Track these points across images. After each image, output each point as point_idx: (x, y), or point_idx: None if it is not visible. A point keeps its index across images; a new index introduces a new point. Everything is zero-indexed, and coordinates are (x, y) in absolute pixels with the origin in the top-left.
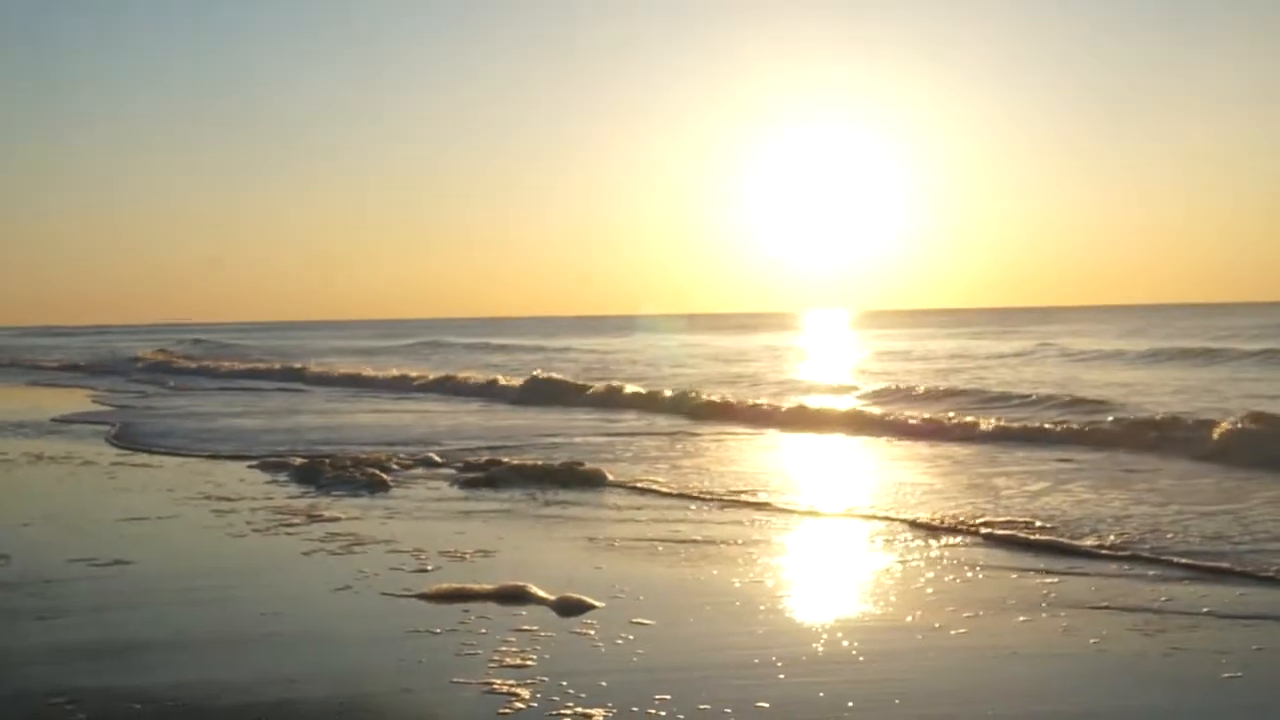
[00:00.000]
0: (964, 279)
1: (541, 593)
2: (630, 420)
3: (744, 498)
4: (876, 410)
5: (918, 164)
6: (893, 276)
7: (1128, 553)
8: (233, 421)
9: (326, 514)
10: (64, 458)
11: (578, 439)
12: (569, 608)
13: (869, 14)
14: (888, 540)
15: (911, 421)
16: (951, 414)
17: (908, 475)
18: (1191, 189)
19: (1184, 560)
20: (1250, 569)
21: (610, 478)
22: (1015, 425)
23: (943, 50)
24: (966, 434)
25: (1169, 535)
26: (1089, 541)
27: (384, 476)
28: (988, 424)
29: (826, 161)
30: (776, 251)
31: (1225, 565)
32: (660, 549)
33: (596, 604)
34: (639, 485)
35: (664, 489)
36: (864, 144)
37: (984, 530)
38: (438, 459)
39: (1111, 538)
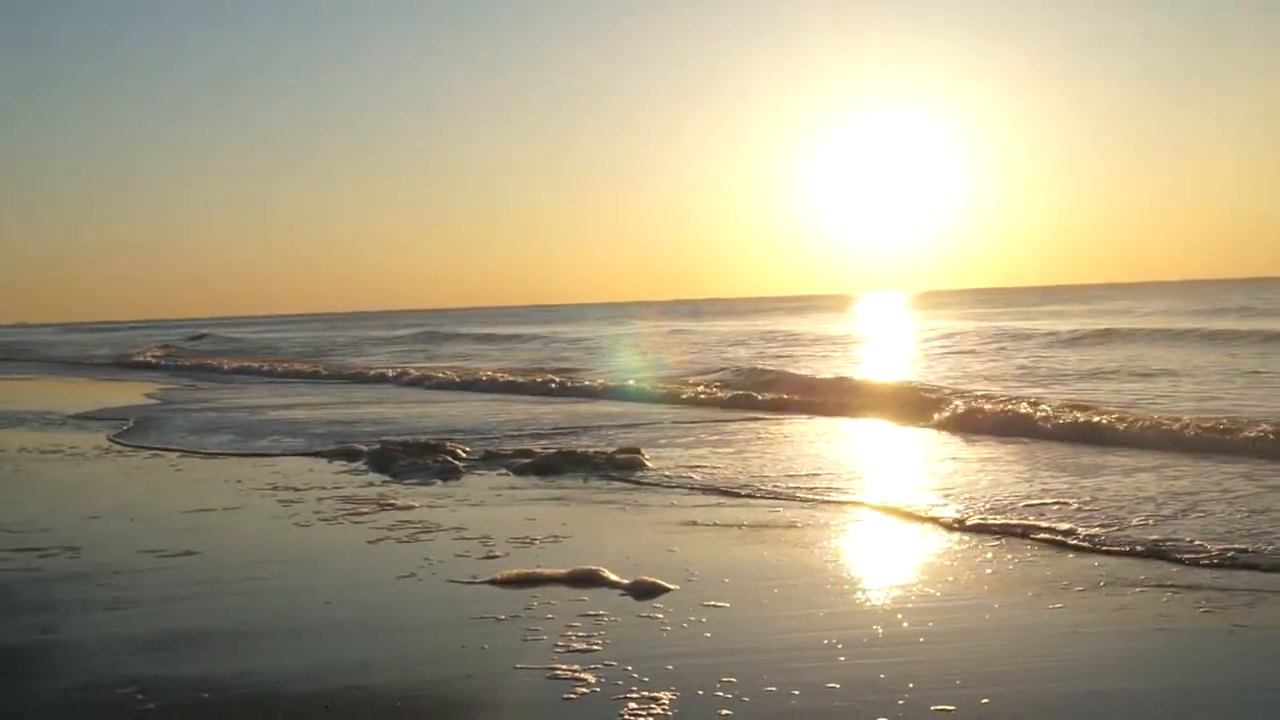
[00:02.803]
0: (1012, 258)
1: (614, 576)
2: (683, 407)
3: (802, 484)
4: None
5: (967, 147)
6: (940, 258)
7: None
8: (286, 413)
9: (397, 502)
10: (129, 451)
11: (631, 426)
12: (643, 591)
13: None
14: (947, 526)
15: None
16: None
17: (994, 469)
18: (1239, 162)
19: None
20: None
21: (667, 464)
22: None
23: (996, 34)
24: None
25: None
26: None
27: (456, 463)
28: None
29: (880, 147)
30: (828, 234)
31: None
32: (728, 532)
33: (671, 587)
34: (696, 471)
35: (721, 476)
36: (917, 129)
37: (1042, 524)
38: (500, 449)
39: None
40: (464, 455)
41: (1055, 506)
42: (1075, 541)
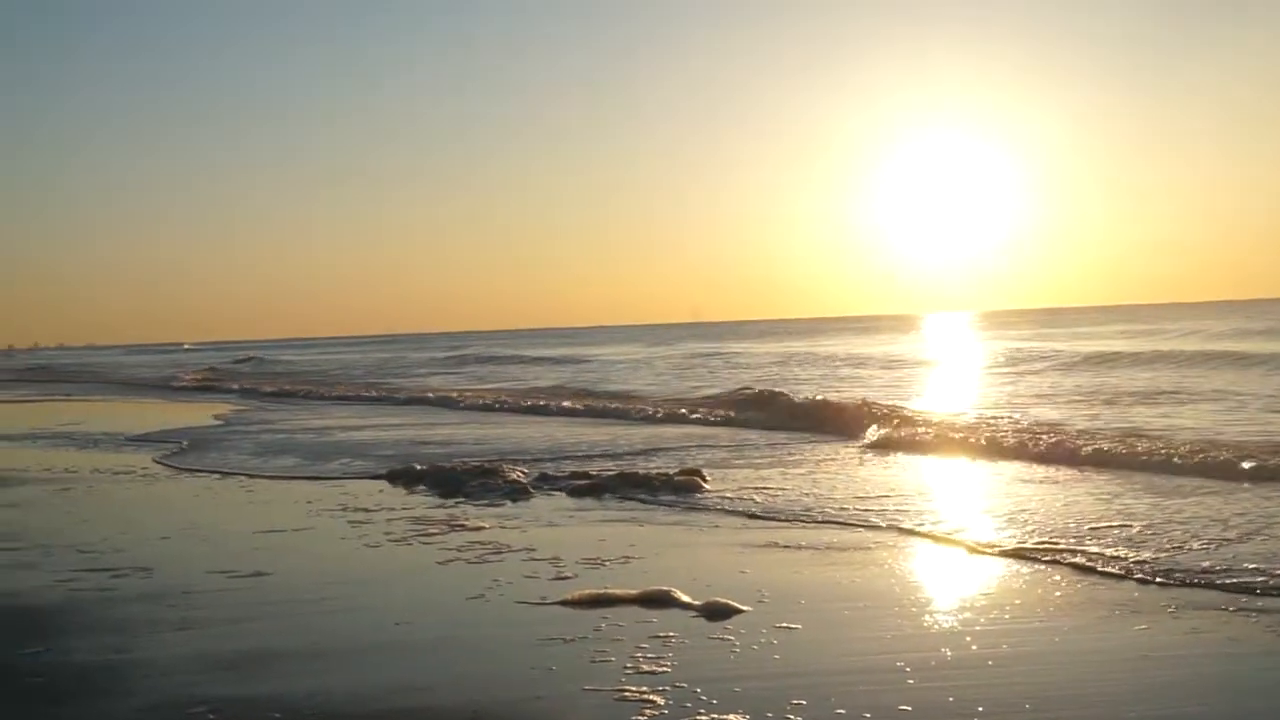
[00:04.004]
0: (1076, 277)
1: (686, 598)
2: (737, 430)
3: (870, 508)
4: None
5: (1029, 164)
6: (1005, 277)
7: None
8: (353, 435)
9: (467, 523)
10: (198, 472)
11: (690, 448)
12: (716, 612)
13: (980, 13)
14: (1015, 551)
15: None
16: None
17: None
18: None
19: None
20: None
21: (728, 486)
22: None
23: (1057, 45)
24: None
25: None
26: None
27: (525, 484)
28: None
29: (942, 164)
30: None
31: None
32: (798, 554)
33: (743, 608)
34: (759, 493)
35: (784, 499)
36: (977, 146)
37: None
38: (557, 471)
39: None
40: (518, 478)
41: (1117, 530)
42: (1139, 566)
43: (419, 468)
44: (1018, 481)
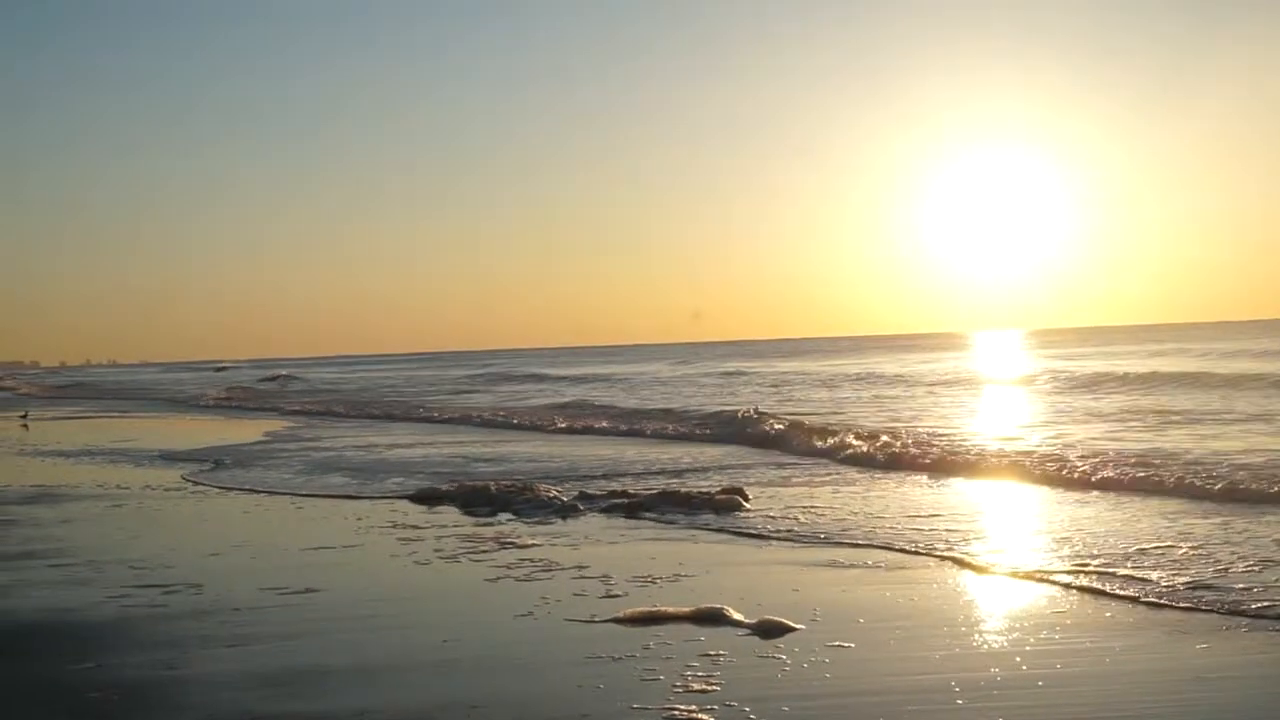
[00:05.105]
0: (1130, 295)
1: (739, 615)
2: (772, 450)
3: (918, 528)
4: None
5: (1079, 179)
6: (1056, 294)
7: None
8: (404, 452)
9: (516, 540)
10: (247, 488)
11: (731, 467)
12: (769, 630)
13: (1027, 20)
14: (1065, 573)
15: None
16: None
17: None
18: None
19: None
20: None
21: (771, 505)
22: None
23: (1107, 56)
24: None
25: None
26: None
27: (571, 502)
28: None
29: (990, 179)
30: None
31: None
32: (847, 573)
33: (797, 626)
34: (805, 513)
35: (831, 518)
36: (1025, 160)
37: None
38: (598, 489)
39: None
40: (554, 496)
41: (1169, 554)
42: (1190, 590)
43: (443, 488)
44: (1067, 504)
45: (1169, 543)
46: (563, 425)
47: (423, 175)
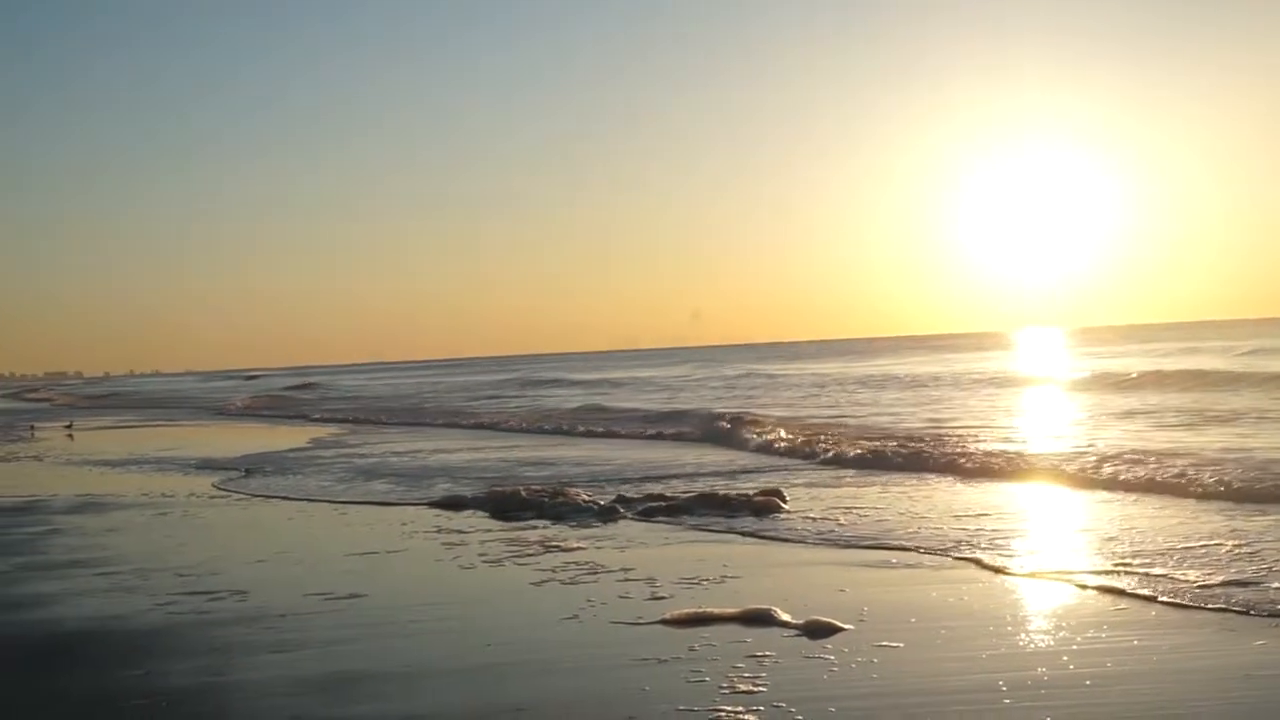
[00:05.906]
0: (1173, 291)
1: (787, 616)
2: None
3: (962, 529)
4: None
5: (1120, 175)
6: (1098, 292)
7: None
8: (446, 458)
9: (560, 544)
10: (289, 495)
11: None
12: (817, 630)
13: (1070, 19)
14: (1109, 572)
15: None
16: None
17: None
18: None
19: None
20: None
21: (810, 507)
22: None
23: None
24: None
25: None
26: None
27: (618, 505)
28: None
29: (1030, 175)
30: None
31: None
32: (893, 573)
33: (845, 627)
34: (845, 514)
35: (871, 520)
36: (1069, 157)
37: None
38: (634, 493)
39: None
40: (588, 501)
41: (1215, 555)
42: (1239, 590)
43: (524, 493)
44: (1111, 506)
45: (1214, 542)
46: (599, 430)
47: (422, 177)
